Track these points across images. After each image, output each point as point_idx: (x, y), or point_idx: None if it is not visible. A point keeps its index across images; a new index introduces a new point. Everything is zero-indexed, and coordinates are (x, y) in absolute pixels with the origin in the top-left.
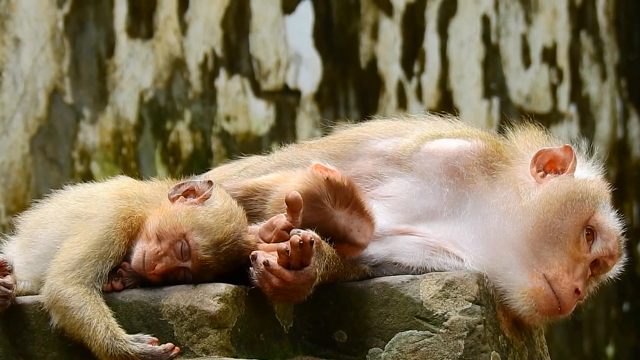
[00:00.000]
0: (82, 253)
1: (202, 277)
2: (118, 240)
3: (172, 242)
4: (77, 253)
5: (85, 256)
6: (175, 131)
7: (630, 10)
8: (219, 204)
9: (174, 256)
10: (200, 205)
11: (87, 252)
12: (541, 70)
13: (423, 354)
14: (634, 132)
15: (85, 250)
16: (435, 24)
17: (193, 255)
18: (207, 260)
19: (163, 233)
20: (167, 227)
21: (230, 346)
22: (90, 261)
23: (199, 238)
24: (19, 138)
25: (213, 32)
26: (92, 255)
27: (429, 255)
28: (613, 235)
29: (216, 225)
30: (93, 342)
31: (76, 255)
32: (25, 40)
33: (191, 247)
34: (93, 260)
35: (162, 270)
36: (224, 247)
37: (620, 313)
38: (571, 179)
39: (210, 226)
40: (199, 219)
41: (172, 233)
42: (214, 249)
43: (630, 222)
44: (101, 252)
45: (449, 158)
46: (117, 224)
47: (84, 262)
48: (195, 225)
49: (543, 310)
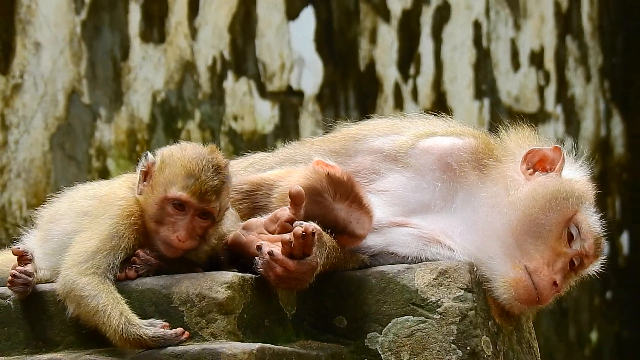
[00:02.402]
0: (94, 246)
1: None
2: (127, 234)
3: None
4: (90, 246)
5: (98, 249)
6: (186, 130)
7: (613, 17)
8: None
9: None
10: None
11: (98, 245)
12: (529, 73)
13: (418, 338)
14: (617, 130)
15: (97, 243)
16: (430, 29)
17: (188, 204)
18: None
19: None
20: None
21: (237, 331)
22: (102, 253)
23: (177, 188)
24: (40, 136)
25: (221, 36)
26: (103, 248)
27: (423, 245)
28: (591, 235)
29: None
30: (108, 328)
31: (89, 249)
32: (45, 44)
33: (182, 199)
34: (105, 252)
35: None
36: (204, 177)
37: (604, 301)
38: (558, 178)
39: (178, 174)
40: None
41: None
42: (196, 184)
43: (613, 215)
44: (112, 245)
45: (443, 155)
46: (124, 220)
47: (97, 254)
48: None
49: (522, 299)
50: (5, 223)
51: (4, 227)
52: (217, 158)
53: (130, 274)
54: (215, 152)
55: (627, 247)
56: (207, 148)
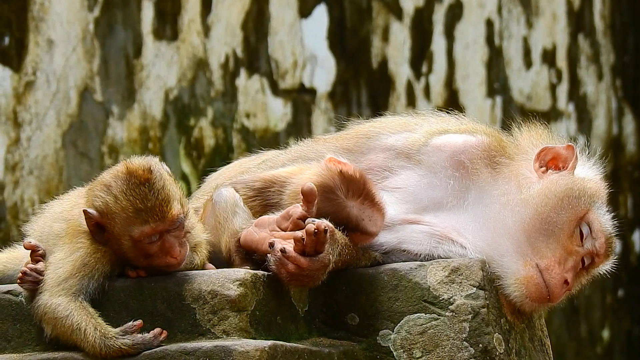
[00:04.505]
0: (67, 272)
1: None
2: (99, 265)
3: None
4: (63, 271)
5: (70, 274)
6: (199, 127)
7: (624, 15)
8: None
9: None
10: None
11: (71, 271)
12: (541, 71)
13: (430, 335)
14: (628, 129)
15: (69, 269)
16: (442, 27)
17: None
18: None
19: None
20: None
21: (249, 328)
22: (74, 278)
23: (138, 227)
24: (52, 133)
25: (234, 34)
26: (77, 274)
27: (435, 243)
28: (602, 235)
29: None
30: (86, 344)
31: (62, 274)
32: (58, 42)
33: (150, 232)
34: (78, 277)
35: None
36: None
37: (615, 299)
38: (571, 176)
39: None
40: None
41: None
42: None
43: (625, 213)
44: (85, 272)
45: (455, 152)
46: (93, 254)
47: (69, 279)
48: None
49: (533, 297)
50: (17, 220)
51: (16, 225)
52: (138, 173)
53: (141, 272)
54: (131, 168)
55: (639, 245)
56: (121, 168)
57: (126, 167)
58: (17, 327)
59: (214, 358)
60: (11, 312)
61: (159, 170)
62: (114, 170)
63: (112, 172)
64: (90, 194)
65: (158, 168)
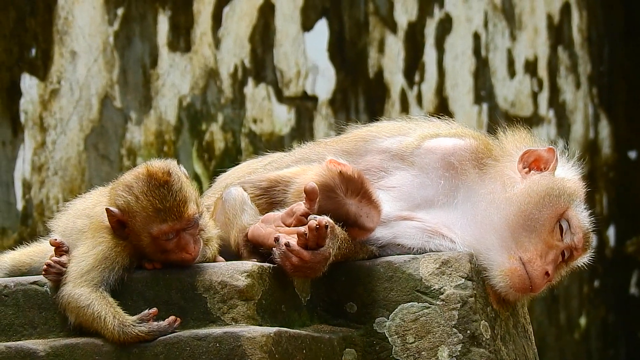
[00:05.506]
0: (89, 265)
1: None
2: (119, 258)
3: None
4: (85, 265)
5: (92, 267)
6: (210, 131)
7: (600, 29)
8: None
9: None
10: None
11: (93, 264)
12: (524, 80)
13: (422, 323)
14: (604, 133)
15: (92, 262)
16: (433, 40)
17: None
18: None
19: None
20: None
21: (256, 315)
22: (96, 271)
23: (157, 225)
24: (75, 137)
25: (242, 46)
26: (98, 266)
27: (427, 237)
28: (580, 230)
29: (143, 199)
30: (106, 331)
31: (85, 267)
32: (81, 53)
33: (167, 230)
34: (99, 269)
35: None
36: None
37: (592, 289)
38: (551, 176)
39: (143, 207)
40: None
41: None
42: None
43: (601, 210)
44: (106, 265)
45: (445, 154)
46: (113, 248)
47: (91, 272)
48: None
49: (516, 287)
50: (43, 217)
51: (42, 221)
52: (157, 175)
53: (157, 264)
54: (151, 171)
55: (613, 239)
56: (142, 170)
57: (147, 170)
58: (43, 314)
59: (224, 343)
60: (37, 301)
61: (177, 172)
62: (136, 172)
63: (134, 173)
64: (112, 193)
65: (176, 171)
